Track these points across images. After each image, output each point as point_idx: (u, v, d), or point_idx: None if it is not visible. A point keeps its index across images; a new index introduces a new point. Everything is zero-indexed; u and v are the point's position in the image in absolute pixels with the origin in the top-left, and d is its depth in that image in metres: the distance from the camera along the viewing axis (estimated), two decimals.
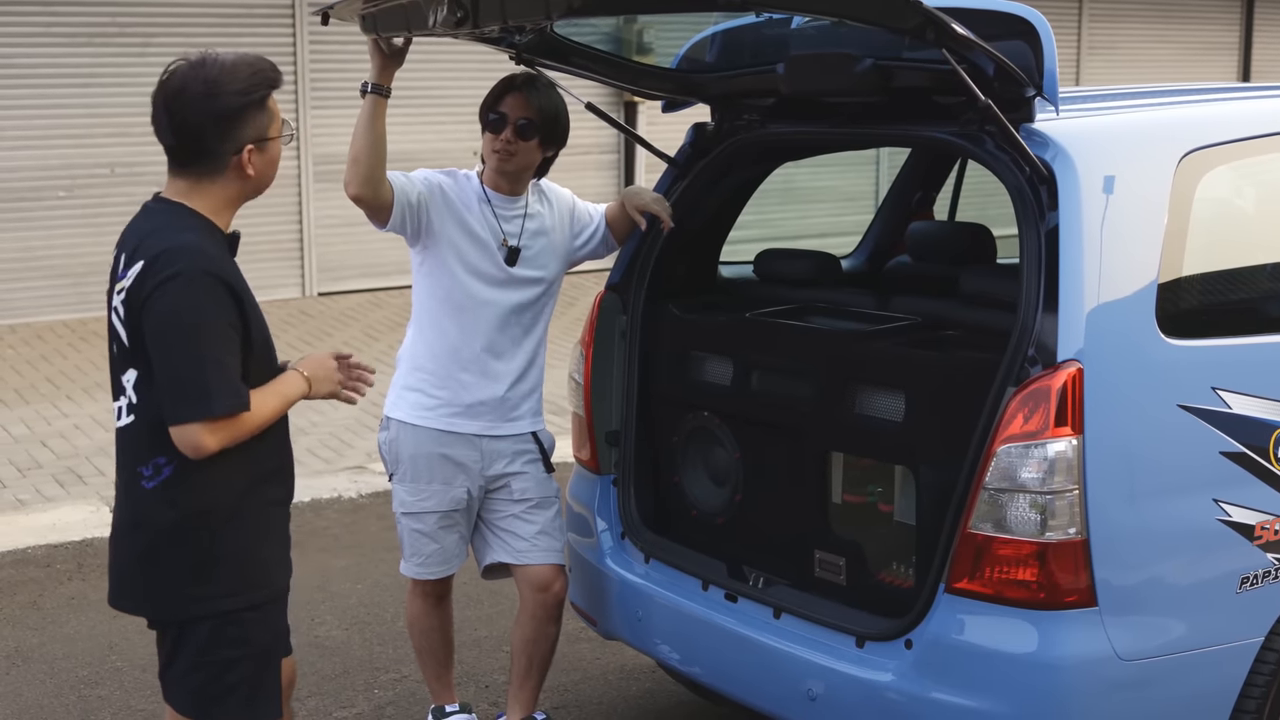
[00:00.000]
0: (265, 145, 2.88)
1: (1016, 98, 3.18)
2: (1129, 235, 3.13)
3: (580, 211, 4.09)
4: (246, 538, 2.94)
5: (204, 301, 2.76)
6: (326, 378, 3.08)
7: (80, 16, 10.46)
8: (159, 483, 2.88)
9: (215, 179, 2.87)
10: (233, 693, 2.96)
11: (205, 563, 2.90)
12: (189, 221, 2.86)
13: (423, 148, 10.20)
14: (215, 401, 2.76)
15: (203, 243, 2.82)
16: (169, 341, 2.76)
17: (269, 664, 3.02)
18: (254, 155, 2.87)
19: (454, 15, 3.28)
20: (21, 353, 9.53)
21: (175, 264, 2.76)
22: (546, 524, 3.99)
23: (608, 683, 4.74)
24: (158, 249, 2.80)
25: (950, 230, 4.76)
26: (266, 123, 2.87)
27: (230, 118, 2.81)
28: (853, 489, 3.67)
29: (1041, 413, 2.96)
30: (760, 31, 3.86)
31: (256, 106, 2.85)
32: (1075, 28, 15.95)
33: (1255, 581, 3.19)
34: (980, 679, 3.06)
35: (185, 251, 2.78)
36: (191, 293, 2.75)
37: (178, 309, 2.75)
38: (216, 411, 2.76)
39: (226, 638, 2.92)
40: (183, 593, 2.92)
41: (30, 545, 6.04)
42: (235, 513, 2.91)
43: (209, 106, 2.80)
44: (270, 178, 2.95)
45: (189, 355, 2.75)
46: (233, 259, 2.94)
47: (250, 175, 2.89)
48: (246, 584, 2.94)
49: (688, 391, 4.01)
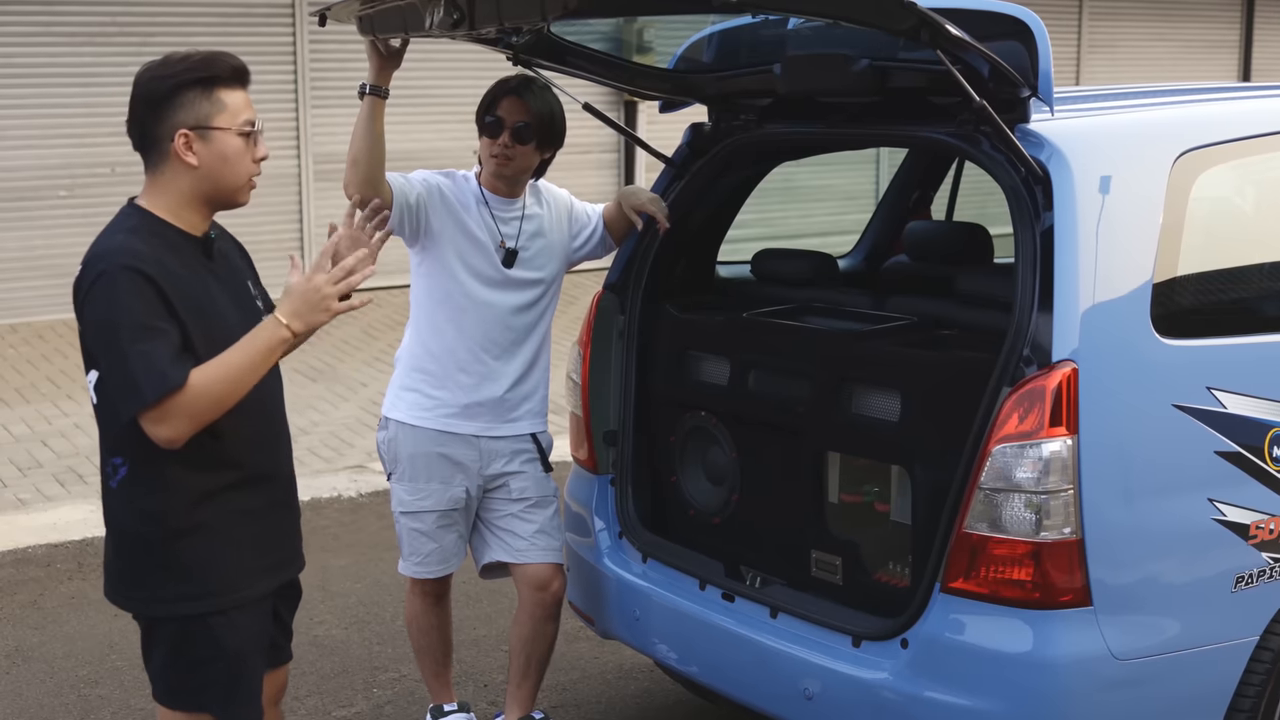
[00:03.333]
0: (209, 135, 2.82)
1: (1012, 98, 3.18)
2: (1124, 235, 3.14)
3: (578, 212, 4.10)
4: (211, 546, 2.90)
5: (122, 297, 2.73)
6: (313, 305, 2.79)
7: (80, 16, 10.46)
8: (118, 482, 2.90)
9: (162, 170, 2.86)
10: (205, 691, 2.96)
11: (165, 565, 2.89)
12: (129, 223, 2.85)
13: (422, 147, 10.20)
14: (145, 390, 2.71)
15: (131, 242, 2.79)
16: (102, 343, 2.77)
17: (243, 668, 2.99)
18: (194, 143, 2.82)
19: (450, 17, 3.29)
20: (22, 352, 9.53)
21: (98, 266, 2.77)
22: (545, 523, 4.00)
23: (606, 682, 4.75)
24: (89, 254, 2.82)
25: (947, 230, 4.76)
26: (210, 111, 2.82)
27: (160, 99, 2.80)
28: (849, 489, 3.68)
29: (1036, 413, 2.97)
30: (757, 32, 3.87)
31: (192, 89, 2.81)
32: (1075, 26, 15.95)
33: (1250, 581, 3.20)
34: (976, 678, 3.07)
35: (110, 252, 2.78)
36: (111, 291, 2.74)
37: (101, 310, 2.75)
38: (148, 399, 2.71)
39: (195, 639, 2.92)
40: (148, 591, 2.92)
41: (30, 545, 6.05)
42: (195, 520, 2.87)
43: (146, 90, 2.82)
44: (228, 177, 2.87)
45: (116, 352, 2.74)
46: (204, 261, 2.90)
47: (194, 165, 2.83)
48: (212, 590, 2.91)
49: (685, 391, 4.01)
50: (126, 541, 2.93)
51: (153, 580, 2.91)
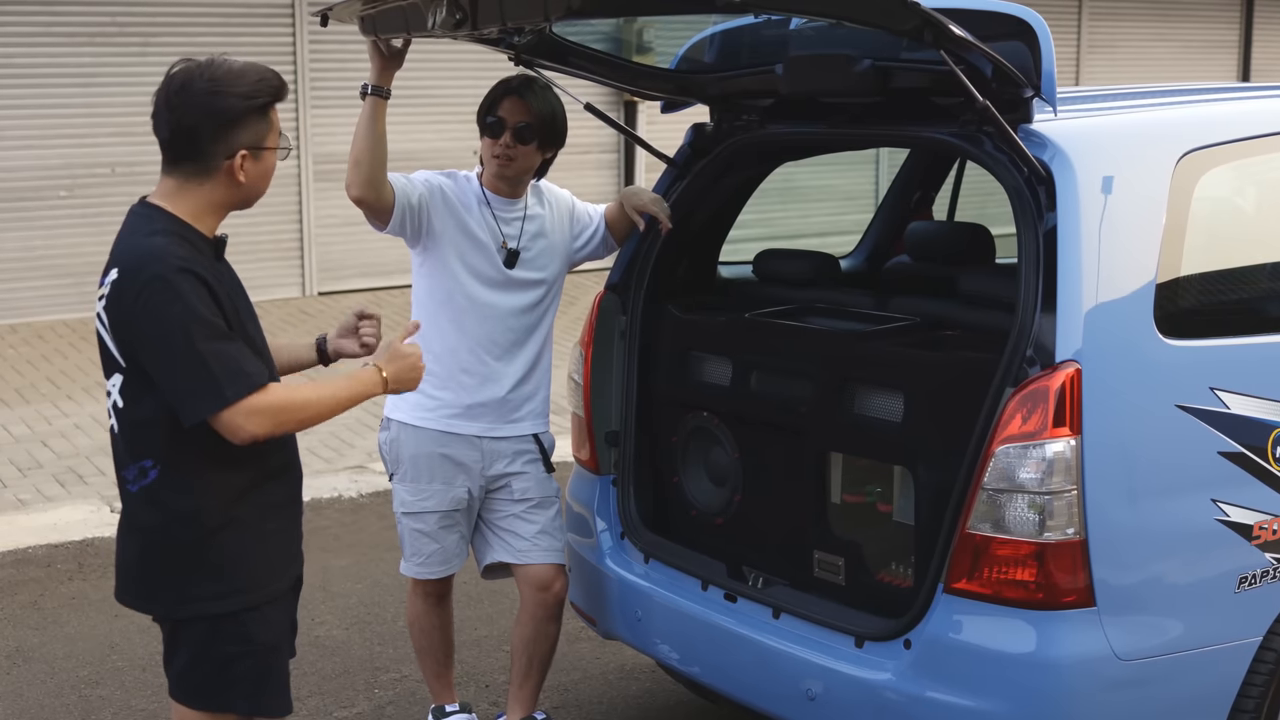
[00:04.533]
0: (260, 154, 2.86)
1: (1014, 98, 3.18)
2: (1127, 235, 3.13)
3: (580, 212, 4.10)
4: (244, 541, 2.92)
5: (186, 299, 2.74)
6: (408, 374, 3.03)
7: (80, 16, 10.46)
8: (142, 486, 2.88)
9: (203, 181, 2.86)
10: (234, 687, 2.96)
11: (198, 565, 2.89)
12: (158, 225, 2.84)
13: (423, 148, 10.21)
14: (226, 389, 2.73)
15: (170, 244, 2.79)
16: (170, 346, 2.75)
17: (273, 660, 3.01)
18: (247, 162, 2.85)
19: (453, 17, 3.29)
20: (22, 352, 9.53)
21: (148, 269, 2.76)
22: (547, 524, 4.00)
23: (607, 682, 4.75)
24: (128, 258, 2.80)
25: (949, 230, 4.76)
26: (264, 132, 2.86)
27: (229, 119, 2.81)
28: (852, 489, 3.68)
29: (1040, 413, 2.97)
30: (759, 32, 3.87)
31: (257, 113, 2.84)
32: (1075, 26, 15.95)
33: (1253, 581, 3.19)
34: (979, 679, 3.07)
35: (154, 256, 2.77)
36: (171, 293, 2.73)
37: (164, 313, 2.74)
38: (231, 398, 2.74)
39: (226, 635, 2.92)
40: (177, 593, 2.92)
41: (31, 545, 6.05)
42: (230, 516, 2.89)
43: (209, 104, 2.80)
44: (261, 190, 2.93)
45: (190, 354, 2.73)
46: (217, 261, 2.92)
47: (241, 182, 2.86)
48: (243, 587, 2.93)
49: (687, 392, 4.01)
50: (154, 544, 2.91)
51: (183, 581, 2.90)
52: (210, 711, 2.99)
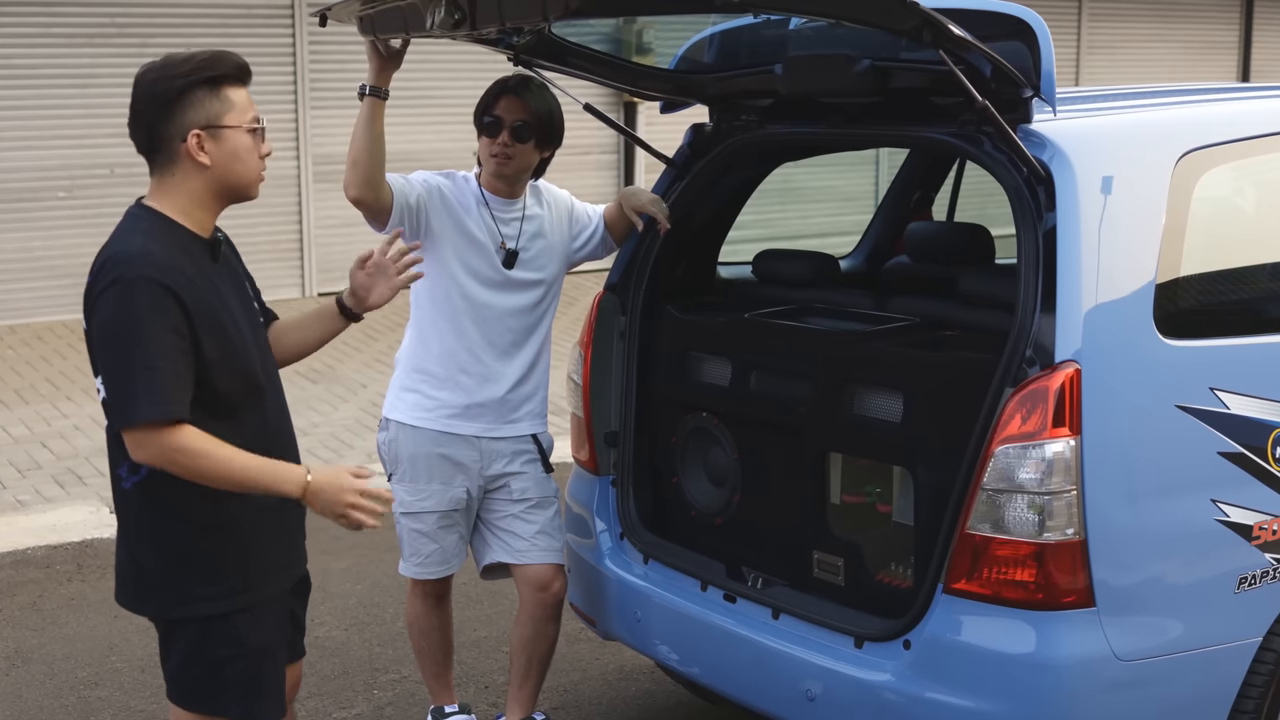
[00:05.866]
0: (220, 133, 2.83)
1: (1014, 98, 3.18)
2: (1127, 236, 3.13)
3: (579, 213, 4.10)
4: (235, 541, 2.92)
5: (138, 309, 2.72)
6: (333, 497, 2.89)
7: (80, 16, 10.46)
8: (135, 483, 2.88)
9: (173, 170, 2.85)
10: (226, 691, 2.95)
11: (189, 564, 2.89)
12: (143, 225, 2.84)
13: (421, 148, 10.19)
14: (142, 409, 2.71)
15: (149, 247, 2.78)
16: (107, 348, 2.75)
17: (266, 664, 3.00)
18: (206, 143, 2.82)
19: (451, 17, 3.28)
20: (21, 353, 9.53)
21: (116, 270, 2.75)
22: (546, 524, 4.00)
23: (607, 683, 4.74)
24: (104, 256, 2.81)
25: (949, 230, 4.76)
26: (220, 109, 2.83)
27: (169, 99, 2.80)
28: (851, 489, 3.68)
29: (1039, 413, 2.97)
30: (758, 32, 3.86)
31: (202, 89, 2.81)
32: (1075, 27, 15.95)
33: (1253, 581, 3.19)
34: (978, 679, 3.07)
35: (127, 257, 2.76)
36: (126, 300, 2.72)
37: (114, 318, 2.73)
38: (139, 418, 2.71)
39: (216, 637, 2.92)
40: (169, 594, 2.92)
41: (30, 546, 6.05)
42: (221, 515, 2.88)
43: (152, 89, 2.81)
44: (238, 174, 2.88)
45: (123, 364, 2.72)
46: (211, 263, 2.90)
47: (206, 165, 2.83)
48: (234, 587, 2.92)
49: (686, 392, 4.01)
50: (148, 543, 2.92)
51: (178, 581, 2.90)
52: (203, 714, 2.98)
